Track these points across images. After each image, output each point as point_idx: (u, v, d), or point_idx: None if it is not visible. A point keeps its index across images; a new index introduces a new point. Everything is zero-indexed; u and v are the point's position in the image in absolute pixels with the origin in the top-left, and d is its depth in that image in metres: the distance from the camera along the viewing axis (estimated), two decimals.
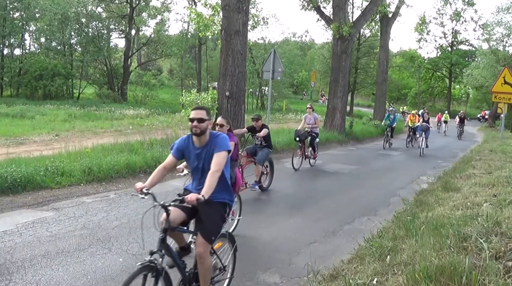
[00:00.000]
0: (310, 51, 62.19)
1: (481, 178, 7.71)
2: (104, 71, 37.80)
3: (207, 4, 14.35)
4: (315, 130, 11.20)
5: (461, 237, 3.84)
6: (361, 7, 29.20)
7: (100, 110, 25.42)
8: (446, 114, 28.29)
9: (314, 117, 11.17)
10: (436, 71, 52.12)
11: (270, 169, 8.24)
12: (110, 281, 4.07)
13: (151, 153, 9.56)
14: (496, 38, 34.79)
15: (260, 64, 28.40)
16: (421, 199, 7.10)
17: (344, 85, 18.41)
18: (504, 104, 17.59)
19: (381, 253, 4.19)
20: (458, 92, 56.81)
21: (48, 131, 15.22)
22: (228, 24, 11.44)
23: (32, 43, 37.35)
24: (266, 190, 7.97)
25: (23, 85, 32.67)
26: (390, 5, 23.78)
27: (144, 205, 6.50)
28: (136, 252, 4.77)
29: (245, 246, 5.16)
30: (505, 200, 5.31)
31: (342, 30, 17.31)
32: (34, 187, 6.95)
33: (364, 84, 42.86)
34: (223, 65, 11.62)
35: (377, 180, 10.05)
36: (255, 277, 4.34)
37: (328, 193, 8.38)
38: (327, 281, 3.93)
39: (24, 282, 3.95)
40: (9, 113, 20.33)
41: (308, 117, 11.18)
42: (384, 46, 26.04)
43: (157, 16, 38.46)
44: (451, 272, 3.08)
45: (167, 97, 40.34)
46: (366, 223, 5.97)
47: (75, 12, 34.67)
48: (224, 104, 11.48)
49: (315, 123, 11.14)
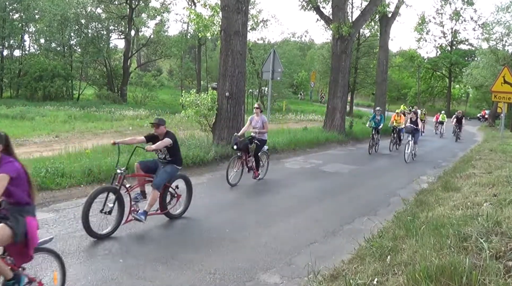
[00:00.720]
0: (310, 51, 62.21)
1: (481, 178, 7.71)
2: (103, 72, 37.82)
3: (207, 4, 14.35)
4: (262, 136, 8.80)
5: (461, 237, 3.84)
6: (360, 7, 29.16)
7: (100, 111, 25.44)
8: (442, 114, 25.99)
9: (262, 120, 8.83)
10: (436, 71, 52.16)
11: (187, 191, 6.36)
12: (110, 281, 4.07)
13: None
14: (495, 38, 34.84)
15: (260, 64, 28.42)
16: (421, 198, 7.09)
17: (343, 85, 18.40)
18: (504, 103, 17.62)
19: (381, 253, 4.18)
20: (458, 92, 56.83)
21: (48, 132, 15.24)
22: (228, 24, 11.44)
23: (31, 44, 37.44)
24: (178, 218, 6.15)
25: (22, 87, 32.71)
26: (389, 5, 23.73)
27: (144, 205, 6.50)
28: (136, 252, 4.77)
29: (245, 246, 5.17)
30: (505, 199, 5.31)
31: (341, 30, 17.31)
32: None
33: (363, 84, 42.88)
34: (223, 65, 11.62)
35: (377, 180, 10.05)
36: (255, 277, 4.34)
37: (328, 193, 8.38)
38: (328, 281, 3.93)
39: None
40: (9, 115, 20.35)
41: (254, 119, 8.88)
42: (384, 46, 26.02)
43: (156, 17, 38.51)
44: (451, 272, 3.08)
45: (167, 98, 40.38)
46: (366, 223, 5.96)
47: (74, 13, 34.69)
48: (224, 105, 11.48)
49: (262, 127, 8.79)
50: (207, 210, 6.64)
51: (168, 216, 6.04)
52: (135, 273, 4.28)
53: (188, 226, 5.83)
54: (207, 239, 5.33)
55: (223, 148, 10.92)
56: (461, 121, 22.76)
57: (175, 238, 5.33)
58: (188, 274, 4.33)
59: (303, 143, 14.27)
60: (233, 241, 5.31)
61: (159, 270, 4.38)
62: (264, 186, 8.56)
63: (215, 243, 5.19)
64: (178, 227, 5.82)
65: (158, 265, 4.48)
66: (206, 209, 6.69)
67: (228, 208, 6.80)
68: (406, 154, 13.01)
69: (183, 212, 6.25)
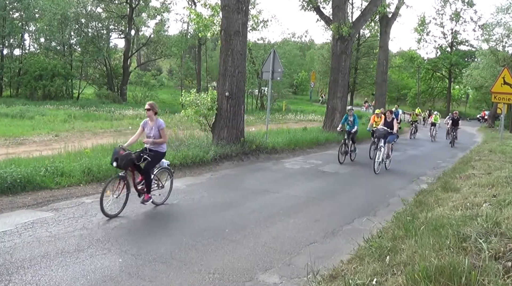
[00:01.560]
0: (310, 52, 62.29)
1: (481, 178, 7.72)
2: (103, 72, 37.84)
3: (207, 4, 14.35)
4: (158, 147, 6.53)
5: (461, 238, 3.84)
6: (360, 8, 29.23)
7: (100, 110, 25.45)
8: (436, 115, 23.55)
9: (157, 125, 6.47)
10: (436, 72, 52.21)
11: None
12: (109, 281, 4.07)
13: None
14: (495, 39, 34.89)
15: (260, 64, 28.44)
16: (421, 199, 7.09)
17: (343, 85, 18.43)
18: (504, 104, 17.62)
19: (380, 253, 4.18)
20: (457, 92, 56.90)
21: (48, 131, 15.23)
22: (228, 24, 11.44)
23: (31, 43, 37.48)
24: None
25: (22, 86, 32.72)
26: (389, 5, 23.77)
27: (144, 205, 6.51)
28: (135, 252, 4.77)
29: (244, 246, 5.17)
30: (504, 200, 5.31)
31: (341, 30, 17.32)
32: (34, 188, 6.95)
33: (363, 84, 43.00)
34: (223, 65, 11.63)
35: (376, 180, 10.05)
36: (254, 277, 4.34)
37: (328, 193, 8.38)
38: (327, 281, 3.93)
39: (23, 282, 3.94)
40: (8, 114, 20.35)
41: (148, 125, 6.54)
42: (384, 47, 26.05)
43: (156, 16, 38.55)
44: (450, 272, 3.08)
45: (167, 98, 40.38)
46: (366, 223, 5.96)
47: (74, 12, 34.73)
48: (224, 105, 11.49)
49: (159, 135, 6.48)
50: (207, 209, 6.64)
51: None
52: (134, 272, 4.28)
53: (188, 226, 5.82)
54: (206, 239, 5.33)
55: (222, 148, 10.93)
56: (458, 123, 20.01)
57: (175, 237, 5.33)
58: (188, 274, 4.33)
59: (302, 143, 14.28)
60: (232, 241, 5.31)
61: (159, 270, 4.38)
62: (264, 187, 8.55)
63: (214, 243, 5.19)
64: (177, 226, 5.82)
65: (158, 265, 4.48)
66: (205, 208, 6.69)
67: (227, 208, 6.80)
68: (376, 162, 10.70)
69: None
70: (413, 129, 23.28)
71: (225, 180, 9.06)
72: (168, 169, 6.98)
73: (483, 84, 34.06)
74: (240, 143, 11.51)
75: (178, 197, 7.23)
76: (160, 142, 6.52)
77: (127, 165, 6.06)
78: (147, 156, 6.37)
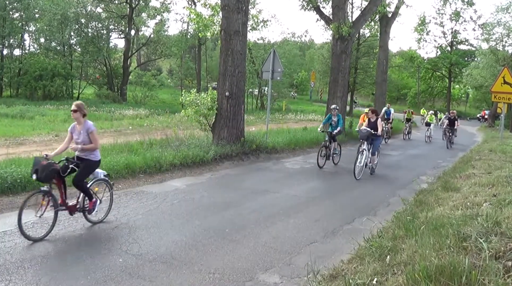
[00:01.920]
0: (310, 51, 62.26)
1: (481, 178, 7.72)
2: (103, 72, 37.84)
3: (207, 4, 14.34)
4: (90, 155, 5.61)
5: (461, 237, 3.84)
6: (360, 7, 29.18)
7: (100, 110, 25.44)
8: (431, 115, 22.35)
9: (87, 129, 5.51)
10: (436, 71, 52.18)
11: None
12: (110, 281, 4.07)
13: (150, 153, 9.57)
14: (495, 38, 34.89)
15: (260, 64, 28.44)
16: (421, 199, 7.10)
17: (343, 85, 18.41)
18: (504, 104, 17.63)
19: (381, 253, 4.19)
20: (457, 92, 56.89)
21: (48, 131, 15.24)
22: (228, 24, 11.44)
23: (31, 43, 37.48)
24: None
25: (22, 86, 32.72)
26: (389, 5, 23.74)
27: (144, 205, 6.51)
28: (136, 252, 4.77)
29: (244, 246, 5.17)
30: (504, 199, 5.31)
31: (341, 30, 17.31)
32: (34, 188, 6.93)
33: (363, 84, 42.94)
34: (223, 65, 11.63)
35: (376, 180, 10.05)
36: (255, 277, 4.34)
37: (328, 193, 8.38)
38: (327, 281, 3.93)
39: (24, 282, 3.95)
40: (8, 114, 20.36)
41: (76, 129, 5.57)
42: (384, 46, 26.03)
43: (156, 16, 38.54)
44: (450, 272, 3.09)
45: (167, 98, 40.40)
46: (366, 223, 5.97)
47: (74, 12, 34.73)
48: (224, 105, 11.48)
49: (89, 140, 5.52)
50: (207, 209, 6.64)
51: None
52: (134, 272, 4.28)
53: (188, 226, 5.83)
54: (206, 238, 5.33)
55: (223, 148, 10.93)
56: (455, 124, 18.60)
57: (175, 237, 5.33)
58: (188, 273, 4.33)
59: (303, 143, 14.27)
60: (232, 240, 5.31)
61: (159, 269, 4.38)
62: (264, 186, 8.55)
63: (214, 243, 5.19)
64: (177, 226, 5.82)
65: (158, 265, 4.48)
66: (205, 208, 6.69)
67: (227, 208, 6.80)
68: (358, 167, 9.71)
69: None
70: (407, 129, 21.48)
71: (225, 180, 9.06)
72: (106, 180, 5.96)
73: (483, 84, 34.04)
74: (240, 142, 11.51)
75: (178, 197, 7.23)
76: (90, 148, 5.51)
77: (48, 177, 5.14)
78: (74, 166, 5.42)
